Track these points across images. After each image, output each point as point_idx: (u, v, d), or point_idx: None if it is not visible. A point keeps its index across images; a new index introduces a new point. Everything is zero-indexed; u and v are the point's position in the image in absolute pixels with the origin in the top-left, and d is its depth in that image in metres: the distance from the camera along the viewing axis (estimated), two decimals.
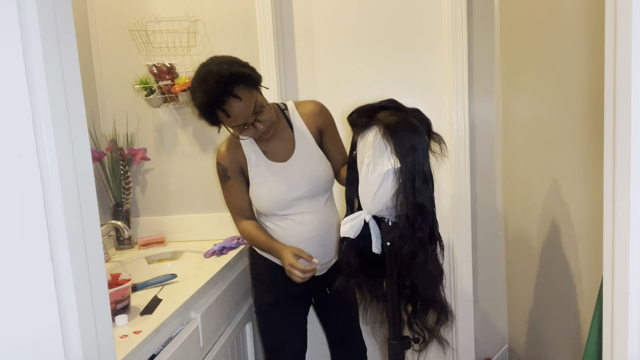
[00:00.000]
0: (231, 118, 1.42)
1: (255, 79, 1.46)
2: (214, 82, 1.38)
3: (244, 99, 1.40)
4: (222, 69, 1.40)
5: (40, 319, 0.65)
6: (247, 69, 1.46)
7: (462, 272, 2.10)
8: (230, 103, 1.39)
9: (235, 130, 1.48)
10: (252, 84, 1.44)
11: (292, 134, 1.61)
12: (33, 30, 0.61)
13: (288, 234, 1.59)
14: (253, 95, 1.43)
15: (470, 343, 2.13)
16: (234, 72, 1.40)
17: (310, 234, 1.59)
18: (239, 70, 1.41)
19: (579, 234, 1.38)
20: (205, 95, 1.39)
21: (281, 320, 1.68)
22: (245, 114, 1.42)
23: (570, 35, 1.38)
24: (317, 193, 1.60)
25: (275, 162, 1.59)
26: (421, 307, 1.28)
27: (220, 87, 1.37)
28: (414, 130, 1.18)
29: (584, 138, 1.31)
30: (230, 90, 1.38)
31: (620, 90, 0.64)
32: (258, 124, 1.46)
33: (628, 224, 0.63)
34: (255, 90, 1.45)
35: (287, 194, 1.56)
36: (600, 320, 0.96)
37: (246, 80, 1.41)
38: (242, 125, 1.45)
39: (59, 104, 0.64)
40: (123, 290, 1.33)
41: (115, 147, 2.10)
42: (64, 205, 0.64)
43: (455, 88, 2.01)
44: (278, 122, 1.58)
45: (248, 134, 1.50)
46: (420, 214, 1.17)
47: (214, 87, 1.37)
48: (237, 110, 1.40)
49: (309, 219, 1.59)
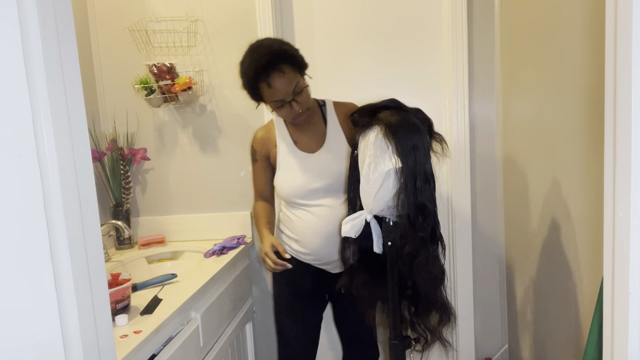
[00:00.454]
0: (272, 91, 1.48)
1: (301, 63, 1.55)
2: (265, 53, 1.47)
3: (287, 76, 1.47)
4: (274, 43, 1.52)
5: (41, 319, 0.65)
6: (297, 53, 1.55)
7: (462, 272, 2.10)
8: (274, 76, 1.46)
9: (272, 105, 1.54)
10: (297, 66, 1.52)
11: (325, 128, 1.67)
12: (33, 29, 0.61)
13: (303, 225, 1.63)
14: (296, 76, 1.51)
15: (470, 343, 2.13)
16: (284, 49, 1.50)
17: (325, 227, 1.61)
18: (289, 50, 1.52)
19: (579, 233, 1.38)
20: (253, 65, 1.47)
21: (295, 315, 1.73)
22: (285, 91, 1.49)
23: (571, 35, 1.38)
24: (338, 189, 1.62)
25: (304, 152, 1.64)
26: (423, 308, 1.28)
27: (268, 59, 1.46)
28: (415, 130, 1.18)
29: (584, 138, 1.31)
30: (277, 64, 1.46)
31: (621, 90, 0.64)
32: (294, 104, 1.52)
33: (628, 224, 0.63)
34: (299, 73, 1.53)
35: (307, 183, 1.60)
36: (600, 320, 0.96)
37: (293, 61, 1.50)
38: (280, 101, 1.51)
39: (59, 103, 0.64)
40: (123, 290, 1.33)
41: (115, 147, 2.10)
42: (64, 205, 0.64)
43: (455, 88, 2.01)
44: (313, 113, 1.65)
45: (283, 112, 1.55)
46: (421, 214, 1.17)
47: (263, 58, 1.46)
48: (278, 84, 1.47)
49: (326, 213, 1.61)
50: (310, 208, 1.63)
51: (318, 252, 1.64)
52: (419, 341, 1.31)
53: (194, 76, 2.09)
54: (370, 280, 1.36)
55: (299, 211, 1.65)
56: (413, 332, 1.32)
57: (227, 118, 2.14)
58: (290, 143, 1.66)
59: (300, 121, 1.61)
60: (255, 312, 2.19)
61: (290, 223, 1.68)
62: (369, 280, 1.36)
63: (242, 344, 1.96)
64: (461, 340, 2.13)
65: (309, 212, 1.63)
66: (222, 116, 2.14)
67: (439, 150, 1.43)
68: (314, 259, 1.67)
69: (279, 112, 1.57)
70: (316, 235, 1.62)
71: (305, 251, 1.66)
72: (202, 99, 2.14)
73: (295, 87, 1.50)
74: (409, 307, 1.32)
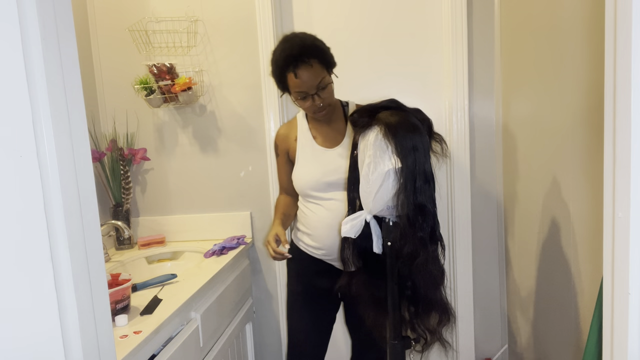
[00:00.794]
0: (297, 82, 1.54)
1: (329, 60, 1.60)
2: (297, 45, 1.53)
3: (314, 69, 1.53)
4: (307, 37, 1.58)
5: (41, 319, 0.65)
6: (327, 50, 1.61)
7: (462, 272, 2.10)
8: (302, 68, 1.52)
9: (296, 96, 1.59)
10: (325, 63, 1.58)
11: (344, 127, 1.72)
12: (33, 30, 0.61)
13: (316, 219, 1.67)
14: (323, 71, 1.56)
15: (470, 343, 2.13)
16: (316, 44, 1.56)
17: (336, 221, 1.63)
18: (320, 46, 1.58)
19: (579, 233, 1.38)
20: (284, 54, 1.54)
21: (305, 311, 1.75)
22: (311, 84, 1.54)
23: (571, 35, 1.38)
24: None
25: (322, 147, 1.70)
26: (423, 308, 1.28)
27: (299, 51, 1.52)
28: (415, 130, 1.18)
29: (584, 138, 1.31)
30: (307, 57, 1.51)
31: (621, 90, 0.64)
32: (317, 98, 1.57)
33: (628, 224, 0.63)
34: (326, 69, 1.58)
35: (323, 176, 1.65)
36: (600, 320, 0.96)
37: (322, 57, 1.56)
38: (304, 93, 1.56)
39: (59, 104, 0.64)
40: (123, 290, 1.33)
41: (115, 147, 2.10)
42: (64, 205, 0.64)
43: (455, 88, 2.01)
44: (334, 111, 1.71)
45: (305, 104, 1.60)
46: (421, 214, 1.17)
47: (294, 49, 1.52)
48: (305, 77, 1.52)
49: (338, 207, 1.64)
50: (323, 202, 1.66)
51: (329, 246, 1.66)
52: (419, 341, 1.31)
53: (193, 76, 2.09)
54: (370, 281, 1.36)
55: (313, 205, 1.69)
56: (413, 333, 1.32)
57: (227, 118, 2.14)
58: (310, 138, 1.72)
59: (321, 116, 1.65)
60: (255, 312, 2.19)
61: (305, 218, 1.73)
62: (369, 281, 1.36)
63: (242, 344, 1.96)
64: (461, 340, 2.13)
65: (321, 206, 1.67)
66: (222, 116, 2.14)
67: (439, 151, 1.44)
68: (325, 254, 1.68)
69: (301, 104, 1.62)
70: (328, 229, 1.65)
71: (317, 245, 1.68)
72: (202, 99, 2.14)
73: (320, 82, 1.55)
74: (408, 307, 1.32)
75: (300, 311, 1.76)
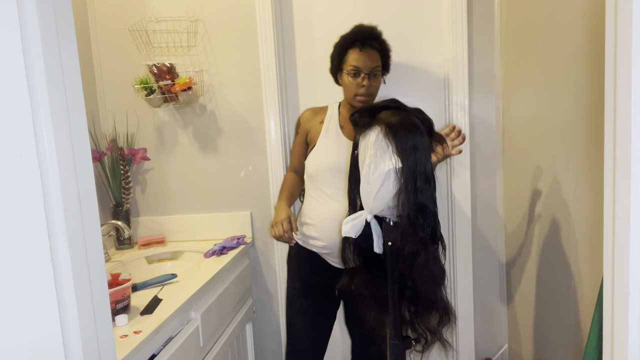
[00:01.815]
0: (359, 56, 1.64)
1: (387, 60, 1.74)
2: (370, 29, 1.69)
3: (376, 54, 1.66)
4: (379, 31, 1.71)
5: (41, 319, 0.65)
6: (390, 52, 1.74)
7: (462, 272, 2.10)
8: (368, 47, 1.65)
9: (350, 70, 1.66)
10: (384, 58, 1.71)
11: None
12: (33, 30, 0.61)
13: (321, 209, 1.69)
14: (379, 62, 1.68)
15: (470, 343, 2.13)
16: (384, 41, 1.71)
17: (341, 215, 1.63)
18: (387, 44, 1.73)
19: (579, 233, 1.38)
20: (357, 30, 1.68)
21: (305, 309, 1.75)
22: (367, 64, 1.64)
23: (571, 34, 1.38)
24: None
25: (346, 137, 1.73)
26: (423, 308, 1.28)
27: (371, 33, 1.68)
28: (415, 130, 1.18)
29: (584, 137, 1.31)
30: (375, 41, 1.67)
31: (621, 90, 0.64)
32: (367, 79, 1.65)
33: (628, 224, 0.63)
34: (382, 64, 1.70)
35: (337, 162, 1.68)
36: (600, 320, 0.96)
37: (385, 52, 1.71)
38: (359, 70, 1.65)
39: (59, 104, 0.64)
40: (123, 290, 1.33)
41: (115, 147, 2.10)
42: (64, 205, 0.64)
43: (455, 88, 2.01)
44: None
45: (353, 83, 1.67)
46: (421, 214, 1.17)
47: (367, 31, 1.68)
48: (366, 55, 1.64)
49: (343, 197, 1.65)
50: (333, 191, 1.68)
51: (331, 239, 1.66)
52: (419, 341, 1.31)
53: (194, 76, 2.09)
54: (370, 280, 1.35)
55: (321, 194, 1.71)
56: (413, 332, 1.32)
57: (227, 118, 2.14)
58: (337, 125, 1.76)
59: (359, 102, 1.68)
60: (255, 312, 2.19)
61: (311, 209, 1.74)
62: (370, 280, 1.36)
63: (242, 344, 1.96)
64: (461, 340, 2.13)
65: (330, 197, 1.69)
66: (222, 116, 2.14)
67: (440, 151, 1.44)
68: (325, 247, 1.69)
69: (350, 80, 1.67)
70: (331, 220, 1.66)
71: (319, 236, 1.69)
72: (202, 99, 2.14)
73: (375, 67, 1.66)
74: (409, 307, 1.32)
75: (299, 308, 1.76)
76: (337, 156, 1.69)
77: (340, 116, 1.78)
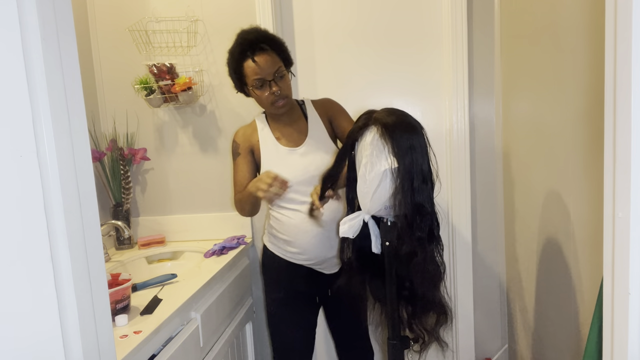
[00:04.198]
0: (254, 68, 1.55)
1: (286, 54, 1.63)
2: (253, 33, 1.58)
3: (271, 56, 1.56)
4: (262, 30, 1.62)
5: (41, 319, 0.65)
6: (284, 45, 1.64)
7: (461, 272, 2.10)
8: (259, 54, 1.54)
9: (254, 85, 1.58)
10: (281, 54, 1.60)
11: (306, 124, 1.70)
12: (33, 30, 0.61)
13: (293, 224, 1.64)
14: (279, 61, 1.58)
15: (470, 343, 2.13)
16: (271, 36, 1.61)
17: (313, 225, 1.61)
18: (276, 39, 1.62)
19: (579, 233, 1.38)
20: (240, 41, 1.58)
21: (288, 317, 1.72)
22: (267, 70, 1.55)
23: (571, 35, 1.38)
24: None
25: (287, 147, 1.67)
26: (421, 308, 1.28)
27: (256, 37, 1.57)
28: (412, 130, 1.18)
29: (584, 137, 1.31)
30: (263, 44, 1.55)
31: (621, 90, 0.64)
32: (274, 85, 1.57)
33: (628, 224, 0.63)
34: (281, 61, 1.60)
35: (293, 177, 1.60)
36: (600, 320, 0.96)
37: (278, 48, 1.60)
38: (261, 80, 1.56)
39: (59, 104, 0.64)
40: (123, 290, 1.33)
41: (115, 147, 2.10)
42: (64, 205, 0.64)
43: (455, 88, 2.01)
44: (293, 108, 1.70)
45: (263, 94, 1.58)
46: (419, 214, 1.17)
47: (251, 35, 1.57)
48: (262, 61, 1.54)
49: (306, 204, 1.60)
50: (297, 205, 1.63)
51: (310, 251, 1.64)
52: (417, 341, 1.31)
53: (194, 76, 2.09)
54: (368, 281, 1.36)
55: (286, 211, 1.65)
56: (411, 333, 1.32)
57: (227, 118, 2.14)
58: (272, 139, 1.68)
59: (280, 109, 1.62)
60: (255, 312, 2.19)
61: (280, 225, 1.68)
62: (367, 281, 1.36)
63: (242, 344, 1.96)
64: (461, 340, 2.13)
65: (296, 211, 1.63)
66: (222, 116, 2.14)
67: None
68: (306, 259, 1.66)
69: (259, 94, 1.59)
70: (306, 234, 1.62)
71: (297, 251, 1.66)
72: (202, 99, 2.14)
73: (277, 70, 1.56)
74: (406, 307, 1.32)
75: (284, 318, 1.73)
76: (286, 172, 1.58)
77: (272, 128, 1.70)
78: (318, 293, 1.75)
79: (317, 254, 1.64)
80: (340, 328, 1.82)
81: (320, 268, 1.69)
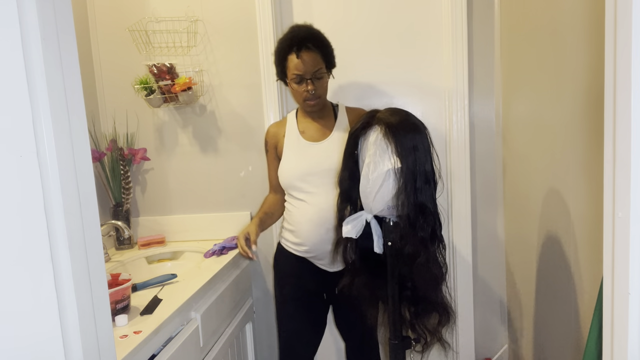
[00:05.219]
0: (297, 63, 1.59)
1: (330, 56, 1.68)
2: (304, 30, 1.63)
3: (315, 56, 1.60)
4: (314, 29, 1.67)
5: (41, 319, 0.65)
6: (331, 48, 1.69)
7: (462, 272, 2.10)
8: (304, 51, 1.59)
9: (293, 78, 1.63)
10: (325, 56, 1.65)
11: (333, 124, 1.74)
12: (33, 30, 0.61)
13: (299, 214, 1.68)
14: (321, 62, 1.63)
15: (470, 343, 2.13)
16: (321, 37, 1.65)
17: (317, 215, 1.63)
18: (325, 41, 1.67)
19: (579, 233, 1.38)
20: (290, 35, 1.62)
21: (293, 313, 1.74)
22: (308, 68, 1.60)
23: (571, 35, 1.38)
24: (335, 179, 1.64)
25: (308, 141, 1.72)
26: (423, 308, 1.28)
27: (305, 35, 1.61)
28: (415, 130, 1.18)
29: (584, 137, 1.31)
30: (311, 42, 1.60)
31: (620, 90, 0.64)
32: (310, 84, 1.62)
33: (628, 224, 0.63)
34: (324, 63, 1.64)
35: (306, 167, 1.67)
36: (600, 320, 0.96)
37: (324, 50, 1.65)
38: (300, 76, 1.61)
39: (59, 103, 0.64)
40: (123, 290, 1.33)
41: (115, 147, 2.10)
42: (64, 205, 0.64)
43: (455, 88, 2.01)
44: (324, 108, 1.75)
45: (300, 89, 1.64)
46: (421, 214, 1.17)
47: (301, 33, 1.62)
48: (305, 58, 1.59)
49: (319, 201, 1.64)
50: (306, 196, 1.67)
51: (312, 243, 1.66)
52: (419, 341, 1.31)
53: (194, 76, 2.09)
54: (370, 281, 1.35)
55: (296, 201, 1.70)
56: (413, 333, 1.32)
57: (227, 118, 2.14)
58: (296, 132, 1.74)
59: (311, 107, 1.68)
60: (255, 312, 2.19)
61: (290, 215, 1.74)
62: (370, 281, 1.35)
63: (242, 344, 1.96)
64: (461, 340, 2.13)
65: (305, 202, 1.67)
66: (222, 116, 2.14)
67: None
68: (307, 251, 1.68)
69: (295, 88, 1.64)
70: (309, 223, 1.65)
71: (299, 241, 1.68)
72: (202, 99, 2.14)
73: (318, 70, 1.61)
74: (408, 307, 1.32)
75: (289, 314, 1.75)
76: (301, 162, 1.68)
77: (298, 122, 1.76)
78: (325, 291, 1.76)
79: (316, 245, 1.66)
80: (347, 327, 1.83)
81: (322, 264, 1.69)
